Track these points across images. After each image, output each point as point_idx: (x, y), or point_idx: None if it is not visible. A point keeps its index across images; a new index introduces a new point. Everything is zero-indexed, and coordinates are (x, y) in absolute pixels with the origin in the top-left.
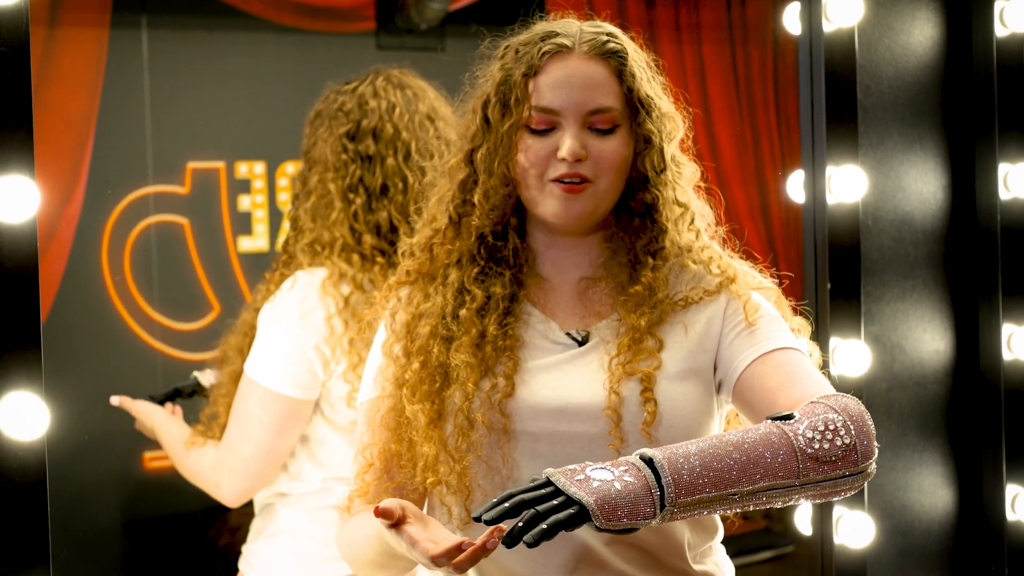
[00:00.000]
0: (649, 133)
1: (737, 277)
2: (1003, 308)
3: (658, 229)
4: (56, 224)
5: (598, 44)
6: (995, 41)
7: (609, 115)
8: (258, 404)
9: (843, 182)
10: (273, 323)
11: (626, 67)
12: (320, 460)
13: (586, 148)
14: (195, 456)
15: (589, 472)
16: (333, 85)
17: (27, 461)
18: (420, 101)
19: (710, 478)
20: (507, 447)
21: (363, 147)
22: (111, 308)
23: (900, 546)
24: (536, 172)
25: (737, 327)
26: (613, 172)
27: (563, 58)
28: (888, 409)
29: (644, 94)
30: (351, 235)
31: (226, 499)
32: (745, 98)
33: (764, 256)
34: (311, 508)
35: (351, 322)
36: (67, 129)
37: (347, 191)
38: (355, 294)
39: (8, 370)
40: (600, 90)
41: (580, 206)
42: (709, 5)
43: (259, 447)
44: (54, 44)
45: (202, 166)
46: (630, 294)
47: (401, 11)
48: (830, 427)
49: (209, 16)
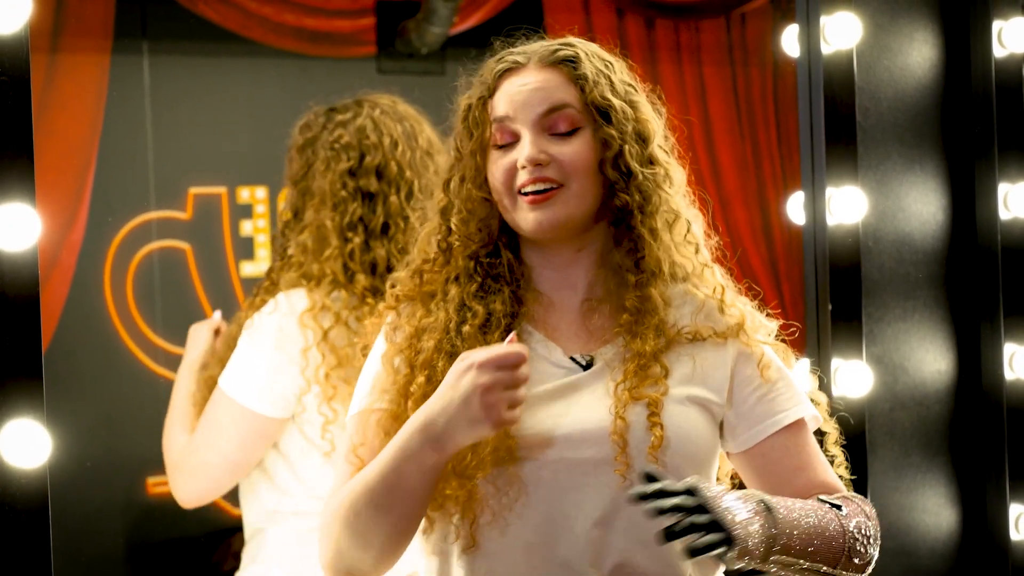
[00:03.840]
0: (609, 136)
1: (746, 323)
2: (1004, 327)
3: (636, 236)
4: (58, 251)
5: (548, 53)
6: (993, 61)
7: (565, 113)
8: (228, 416)
9: (843, 203)
10: (252, 345)
11: (579, 71)
12: (302, 476)
13: (547, 152)
14: (172, 435)
15: (728, 502)
16: (315, 108)
17: (29, 489)
18: (419, 135)
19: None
20: (512, 469)
21: (364, 183)
22: (114, 334)
23: (904, 566)
24: (505, 188)
25: (755, 391)
26: (581, 175)
27: (516, 73)
28: (891, 430)
29: (600, 98)
30: (343, 272)
31: (180, 496)
32: (746, 118)
33: (766, 277)
34: (302, 531)
35: (328, 355)
36: (69, 155)
37: (345, 228)
38: (336, 328)
39: (9, 398)
40: (553, 92)
41: (552, 214)
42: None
43: (223, 458)
44: (55, 71)
45: (204, 191)
46: (622, 323)
47: (402, 36)
48: (869, 534)
49: (210, 42)
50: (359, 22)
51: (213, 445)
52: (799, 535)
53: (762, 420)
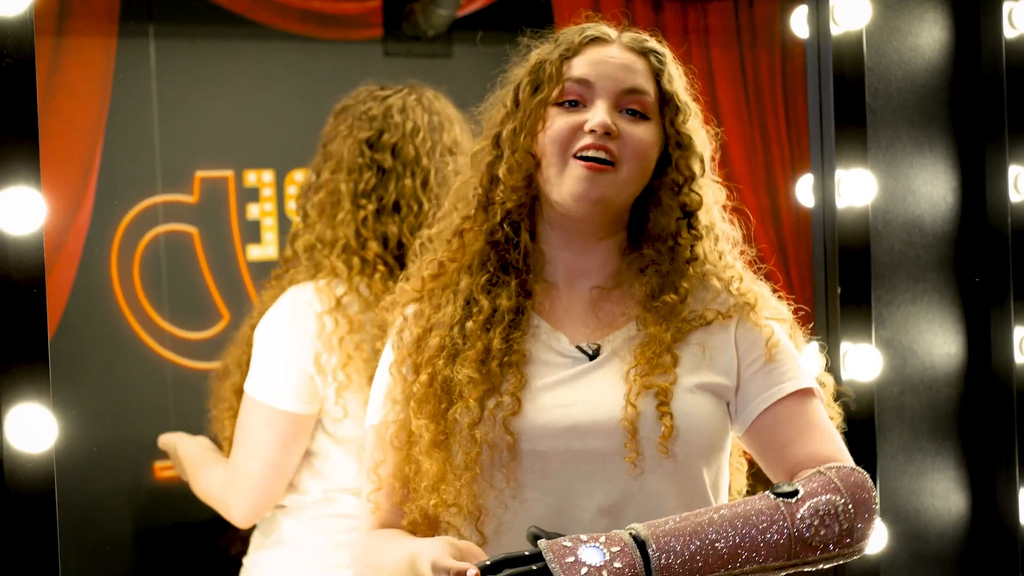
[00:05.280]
0: (689, 133)
1: (757, 303)
2: (1015, 311)
3: (696, 235)
4: (65, 235)
5: (639, 40)
6: (1004, 42)
7: (643, 99)
8: (262, 421)
9: (852, 186)
10: (269, 340)
11: (664, 66)
12: (321, 473)
13: (617, 126)
14: (205, 477)
15: (581, 553)
16: (371, 84)
17: (36, 473)
18: (445, 131)
19: (700, 563)
20: (512, 466)
21: (380, 157)
22: (121, 318)
23: (913, 551)
24: (559, 147)
25: (756, 362)
26: (638, 160)
27: (603, 45)
28: (900, 413)
29: (681, 97)
30: (356, 238)
31: (237, 519)
32: (754, 101)
33: (775, 259)
34: (314, 517)
35: (341, 321)
36: (75, 139)
37: (359, 195)
38: (348, 295)
39: (16, 383)
40: (637, 75)
41: (600, 189)
42: (716, 8)
43: (266, 464)
44: (61, 54)
45: (210, 175)
46: (663, 302)
47: (408, 18)
48: (831, 511)
49: (216, 24)
50: (365, 4)
51: (254, 454)
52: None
53: (760, 393)
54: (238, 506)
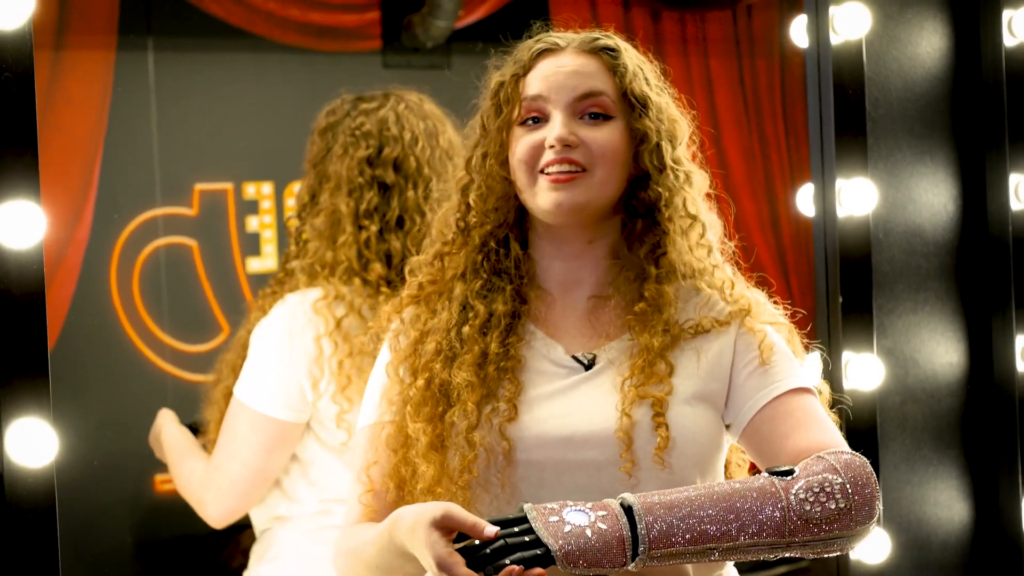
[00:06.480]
0: (646, 128)
1: (752, 309)
2: (1016, 319)
3: (660, 232)
4: (64, 248)
5: (588, 40)
6: (1004, 51)
7: (600, 99)
8: (248, 425)
9: (853, 195)
10: (263, 345)
11: (618, 61)
12: (314, 480)
13: (577, 135)
14: (186, 469)
15: (565, 514)
16: (345, 94)
17: (36, 488)
18: (440, 135)
19: (688, 533)
20: (507, 472)
21: (381, 173)
22: (120, 331)
23: (916, 560)
24: (527, 166)
25: (750, 365)
26: (608, 162)
27: (553, 55)
28: (902, 422)
29: (639, 90)
30: (358, 260)
31: (211, 518)
32: (753, 110)
33: (775, 269)
34: (311, 530)
35: (341, 344)
36: (74, 152)
37: (361, 216)
38: (349, 317)
39: (16, 397)
40: (590, 78)
41: (572, 197)
42: (715, 18)
43: (247, 468)
44: (60, 67)
45: (210, 187)
46: (636, 313)
47: (407, 30)
48: (826, 489)
49: (215, 37)
50: (364, 16)
51: (236, 457)
52: (677, 522)
53: (756, 392)
54: (214, 505)
